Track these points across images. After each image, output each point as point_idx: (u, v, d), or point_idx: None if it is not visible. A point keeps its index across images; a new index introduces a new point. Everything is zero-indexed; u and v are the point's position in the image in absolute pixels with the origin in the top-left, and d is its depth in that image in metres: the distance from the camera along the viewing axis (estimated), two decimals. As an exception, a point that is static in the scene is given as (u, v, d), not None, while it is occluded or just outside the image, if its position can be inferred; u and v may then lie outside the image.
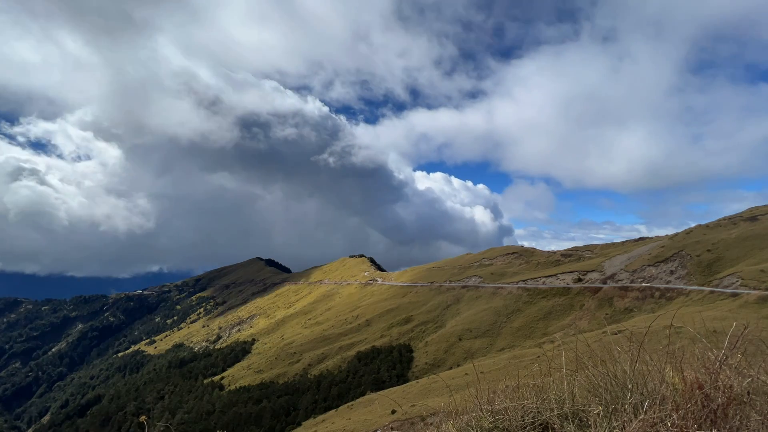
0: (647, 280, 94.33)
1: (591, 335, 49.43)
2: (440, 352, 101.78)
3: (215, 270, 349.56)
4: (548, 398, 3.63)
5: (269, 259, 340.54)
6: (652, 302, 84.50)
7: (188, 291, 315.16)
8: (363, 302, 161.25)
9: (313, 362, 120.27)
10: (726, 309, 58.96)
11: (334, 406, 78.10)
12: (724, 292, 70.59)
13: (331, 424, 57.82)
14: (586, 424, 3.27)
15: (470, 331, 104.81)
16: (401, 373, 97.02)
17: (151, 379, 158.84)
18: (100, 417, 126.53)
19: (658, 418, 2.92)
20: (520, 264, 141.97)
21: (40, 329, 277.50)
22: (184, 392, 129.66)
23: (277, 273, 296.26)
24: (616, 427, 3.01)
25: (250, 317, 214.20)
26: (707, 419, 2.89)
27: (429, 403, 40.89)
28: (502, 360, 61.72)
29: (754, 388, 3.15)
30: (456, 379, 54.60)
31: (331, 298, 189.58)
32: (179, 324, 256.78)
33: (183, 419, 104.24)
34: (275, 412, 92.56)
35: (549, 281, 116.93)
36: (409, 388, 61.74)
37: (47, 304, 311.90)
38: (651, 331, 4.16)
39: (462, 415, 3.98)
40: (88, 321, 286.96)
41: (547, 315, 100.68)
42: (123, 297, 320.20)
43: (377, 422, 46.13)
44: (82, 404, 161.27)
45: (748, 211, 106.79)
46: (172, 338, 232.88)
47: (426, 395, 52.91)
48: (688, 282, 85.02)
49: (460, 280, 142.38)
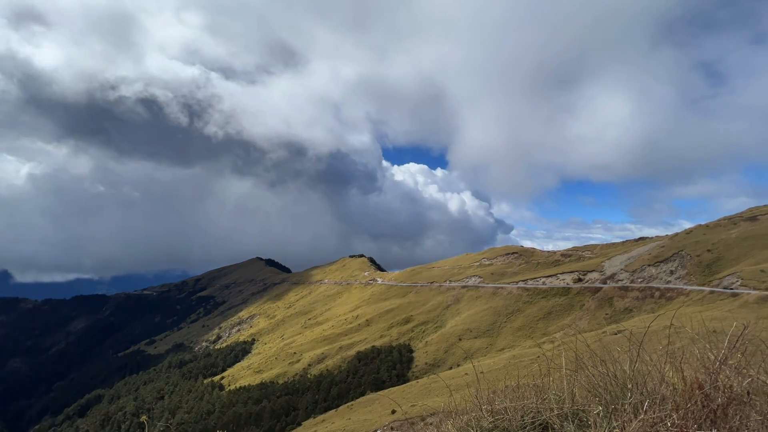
0: (647, 280, 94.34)
1: (591, 335, 49.46)
2: (440, 352, 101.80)
3: (215, 270, 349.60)
4: (548, 398, 3.63)
5: (269, 259, 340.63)
6: (652, 302, 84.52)
7: (188, 291, 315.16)
8: (363, 302, 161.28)
9: (313, 362, 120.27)
10: (726, 309, 58.98)
11: (334, 406, 78.14)
12: (724, 292, 70.60)
13: (331, 424, 57.85)
14: (586, 424, 3.27)
15: (470, 331, 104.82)
16: (401, 373, 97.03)
17: (151, 379, 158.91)
18: (100, 417, 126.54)
19: (658, 418, 2.93)
20: (520, 264, 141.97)
21: (39, 329, 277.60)
22: (184, 392, 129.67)
23: (277, 273, 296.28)
24: (616, 427, 3.01)
25: (250, 317, 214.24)
26: (707, 419, 2.89)
27: (429, 403, 40.92)
28: (502, 360, 61.76)
29: (754, 388, 3.15)
30: (456, 379, 54.59)
31: (331, 297, 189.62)
32: (179, 324, 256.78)
33: (183, 419, 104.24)
34: (275, 412, 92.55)
35: (549, 281, 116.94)
36: (409, 388, 61.78)
37: (47, 303, 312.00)
38: (651, 331, 4.16)
39: (462, 415, 3.98)
40: (88, 321, 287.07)
41: (547, 315, 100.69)
42: (123, 297, 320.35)
43: (377, 422, 46.16)
44: (82, 404, 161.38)
45: (748, 211, 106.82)
46: (172, 338, 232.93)
47: (426, 395, 52.93)
48: (688, 282, 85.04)
49: (460, 280, 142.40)
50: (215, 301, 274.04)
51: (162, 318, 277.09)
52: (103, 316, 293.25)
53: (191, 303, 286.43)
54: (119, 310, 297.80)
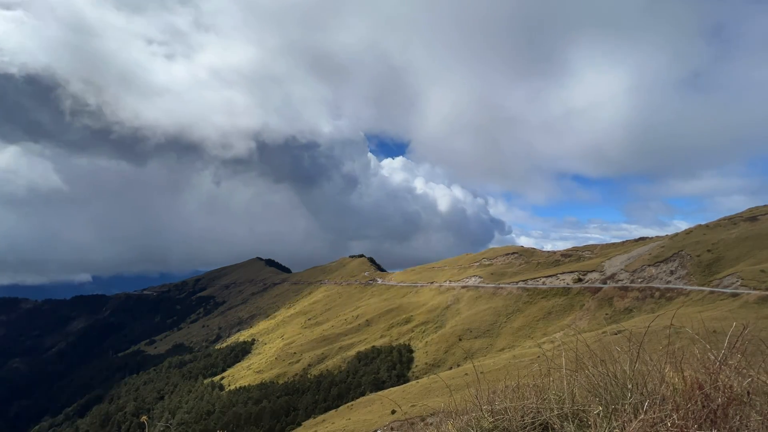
0: (647, 280, 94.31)
1: (591, 335, 49.46)
2: (440, 352, 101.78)
3: (215, 270, 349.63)
4: (548, 398, 3.63)
5: (269, 259, 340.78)
6: (652, 302, 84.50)
7: (188, 291, 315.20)
8: (363, 302, 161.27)
9: (313, 362, 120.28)
10: (726, 309, 58.96)
11: (334, 406, 78.13)
12: (724, 292, 70.56)
13: (331, 424, 57.84)
14: (586, 424, 3.27)
15: (470, 331, 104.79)
16: (401, 373, 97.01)
17: (151, 379, 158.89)
18: (100, 417, 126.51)
19: (658, 418, 2.93)
20: (520, 264, 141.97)
21: (39, 329, 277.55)
22: (184, 392, 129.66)
23: (277, 273, 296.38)
24: (616, 427, 3.01)
25: (250, 317, 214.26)
26: (707, 419, 2.89)
27: (429, 403, 40.91)
28: (502, 360, 61.73)
29: (754, 388, 3.15)
30: (456, 379, 54.58)
31: (331, 298, 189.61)
32: (179, 324, 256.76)
33: (183, 419, 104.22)
34: (275, 412, 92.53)
35: (549, 281, 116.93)
36: (409, 388, 61.75)
37: (47, 303, 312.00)
38: (651, 331, 4.16)
39: (462, 415, 3.98)
40: (88, 321, 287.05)
41: (547, 315, 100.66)
42: (123, 297, 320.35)
43: (377, 422, 46.15)
44: (82, 404, 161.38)
45: (748, 211, 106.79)
46: (172, 338, 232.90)
47: (426, 395, 52.90)
48: (688, 282, 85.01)
49: (460, 280, 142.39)
50: (215, 301, 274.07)
51: (162, 318, 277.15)
52: (103, 316, 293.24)
53: (191, 303, 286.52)
54: (119, 310, 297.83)
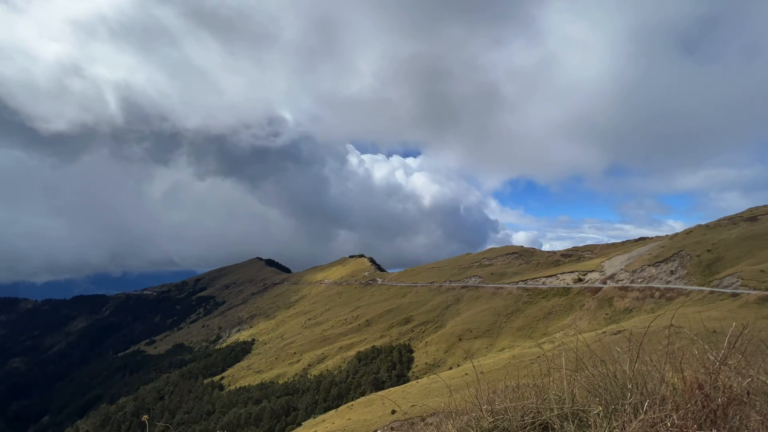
0: (647, 280, 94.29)
1: (591, 335, 49.48)
2: (440, 352, 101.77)
3: (215, 270, 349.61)
4: (548, 398, 3.63)
5: (269, 259, 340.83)
6: (652, 302, 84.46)
7: (188, 291, 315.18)
8: (363, 302, 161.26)
9: (313, 362, 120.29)
10: (726, 309, 58.95)
11: (334, 406, 78.08)
12: (724, 292, 70.52)
13: (331, 424, 57.79)
14: (586, 424, 3.27)
15: (470, 331, 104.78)
16: (401, 373, 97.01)
17: (151, 379, 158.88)
18: (100, 417, 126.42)
19: (658, 418, 2.93)
20: (520, 264, 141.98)
21: (39, 329, 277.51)
22: (184, 392, 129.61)
23: (277, 273, 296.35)
24: (616, 427, 3.01)
25: (250, 317, 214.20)
26: (707, 419, 2.89)
27: (429, 403, 40.90)
28: (502, 360, 61.69)
29: (753, 388, 3.15)
30: (456, 379, 54.56)
31: (331, 297, 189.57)
32: (179, 324, 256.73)
33: (183, 419, 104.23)
34: (275, 412, 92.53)
35: (549, 281, 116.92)
36: (409, 388, 61.71)
37: (47, 303, 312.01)
38: (651, 332, 4.16)
39: (462, 415, 3.98)
40: (88, 321, 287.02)
41: (547, 315, 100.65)
42: (123, 297, 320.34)
43: (377, 422, 46.15)
44: (82, 404, 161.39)
45: (748, 211, 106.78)
46: (172, 338, 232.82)
47: (426, 395, 52.88)
48: (688, 282, 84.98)
49: (460, 280, 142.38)
50: (215, 301, 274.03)
51: (162, 318, 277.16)
52: (103, 316, 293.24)
53: (191, 303, 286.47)
54: (119, 310, 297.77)
